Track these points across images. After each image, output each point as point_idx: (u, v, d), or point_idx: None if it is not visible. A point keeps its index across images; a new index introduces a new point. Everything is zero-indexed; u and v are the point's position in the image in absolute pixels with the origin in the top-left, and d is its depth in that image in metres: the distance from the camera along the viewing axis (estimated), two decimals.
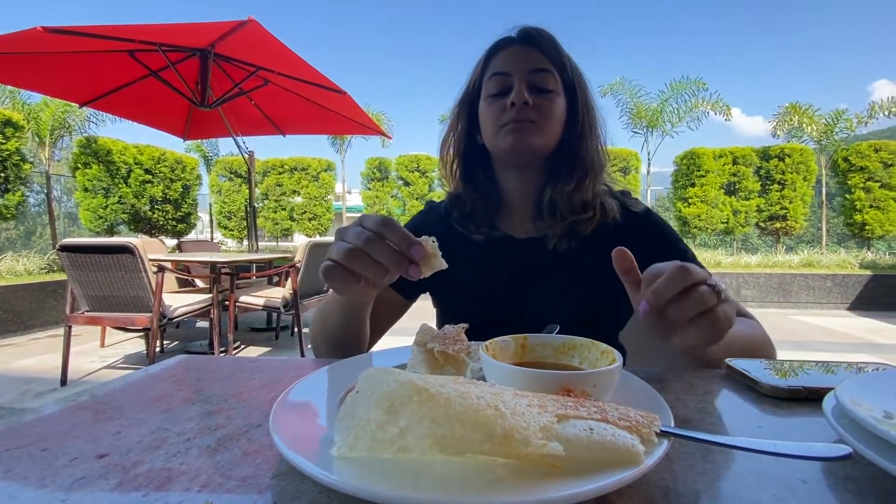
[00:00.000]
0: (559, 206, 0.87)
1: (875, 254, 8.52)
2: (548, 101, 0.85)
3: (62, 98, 4.69)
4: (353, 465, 0.29)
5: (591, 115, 0.90)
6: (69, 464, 0.36)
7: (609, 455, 0.29)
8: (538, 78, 0.85)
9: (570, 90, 0.88)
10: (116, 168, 8.61)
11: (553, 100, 0.85)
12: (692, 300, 0.46)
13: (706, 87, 10.47)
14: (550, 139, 0.86)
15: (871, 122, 10.17)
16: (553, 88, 0.85)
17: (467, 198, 0.93)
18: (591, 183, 0.89)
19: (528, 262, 0.88)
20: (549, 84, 0.85)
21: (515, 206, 0.94)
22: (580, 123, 0.88)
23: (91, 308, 3.06)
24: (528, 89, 0.83)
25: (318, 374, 0.49)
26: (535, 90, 0.84)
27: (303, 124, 5.19)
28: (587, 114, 0.89)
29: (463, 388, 0.29)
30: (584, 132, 0.88)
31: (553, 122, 0.85)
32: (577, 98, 0.88)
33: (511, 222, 0.93)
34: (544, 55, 0.86)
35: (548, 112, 0.84)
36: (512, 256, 0.89)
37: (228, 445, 0.38)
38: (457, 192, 0.96)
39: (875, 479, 0.32)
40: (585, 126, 0.88)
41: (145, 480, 0.33)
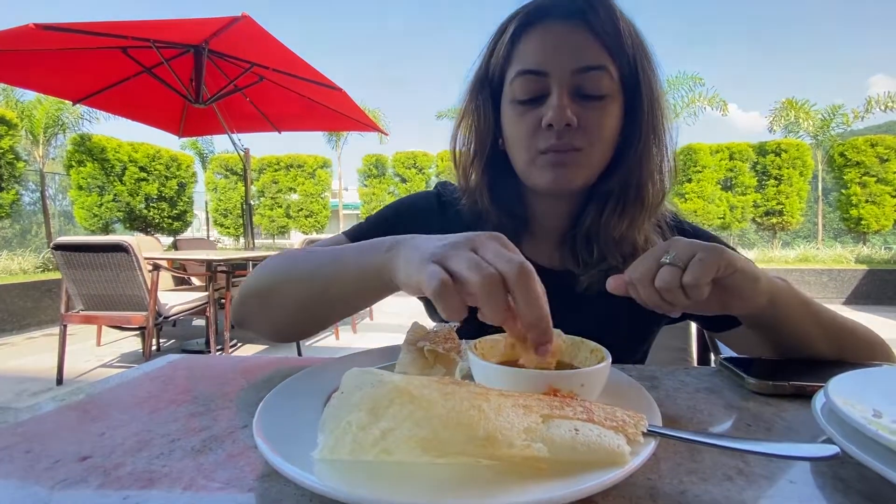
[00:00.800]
0: (599, 242, 0.68)
1: (871, 249, 8.57)
2: (599, 116, 0.62)
3: (55, 95, 4.66)
4: (335, 468, 0.29)
5: (657, 124, 0.65)
6: (52, 466, 0.35)
7: (594, 456, 0.29)
8: (587, 80, 0.61)
9: (632, 86, 0.64)
10: (111, 166, 8.57)
11: (607, 111, 0.62)
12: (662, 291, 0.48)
13: (703, 83, 10.49)
14: (599, 165, 0.65)
15: (868, 116, 10.22)
16: (608, 92, 0.62)
17: (493, 216, 0.71)
18: (647, 218, 0.68)
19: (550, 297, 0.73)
20: (604, 87, 0.61)
21: (543, 230, 0.75)
22: (642, 138, 0.64)
23: (86, 307, 3.05)
24: (571, 97, 0.61)
25: (305, 374, 0.48)
26: (582, 96, 0.62)
27: (298, 121, 5.16)
28: (653, 122, 0.64)
29: (447, 388, 0.29)
30: (645, 150, 0.65)
31: (605, 142, 0.63)
32: (642, 99, 0.63)
33: (536, 247, 0.74)
34: (598, 40, 0.61)
35: (599, 132, 0.62)
36: None
37: (213, 447, 0.38)
38: (476, 207, 0.73)
39: (864, 478, 0.32)
40: (649, 140, 0.65)
41: (127, 482, 0.33)
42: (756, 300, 0.53)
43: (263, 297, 0.61)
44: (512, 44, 0.65)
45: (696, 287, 0.46)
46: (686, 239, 0.50)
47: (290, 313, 0.59)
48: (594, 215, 0.68)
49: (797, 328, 0.58)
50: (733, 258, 0.49)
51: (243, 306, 0.63)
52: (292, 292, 0.57)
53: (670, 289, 0.47)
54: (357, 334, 4.73)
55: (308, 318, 0.59)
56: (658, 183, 0.67)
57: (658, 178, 0.67)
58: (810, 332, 0.59)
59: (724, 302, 0.53)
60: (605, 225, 0.67)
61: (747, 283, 0.51)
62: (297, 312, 0.58)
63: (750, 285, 0.51)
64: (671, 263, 0.48)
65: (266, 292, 0.60)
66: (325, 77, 4.02)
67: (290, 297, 0.58)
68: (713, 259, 0.47)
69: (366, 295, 0.53)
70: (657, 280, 0.48)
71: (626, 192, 0.66)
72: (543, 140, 0.62)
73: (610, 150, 0.65)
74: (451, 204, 0.76)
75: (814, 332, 0.59)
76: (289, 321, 0.60)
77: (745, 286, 0.51)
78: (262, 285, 0.61)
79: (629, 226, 0.67)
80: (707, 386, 0.52)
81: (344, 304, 0.56)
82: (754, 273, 0.51)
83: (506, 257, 0.36)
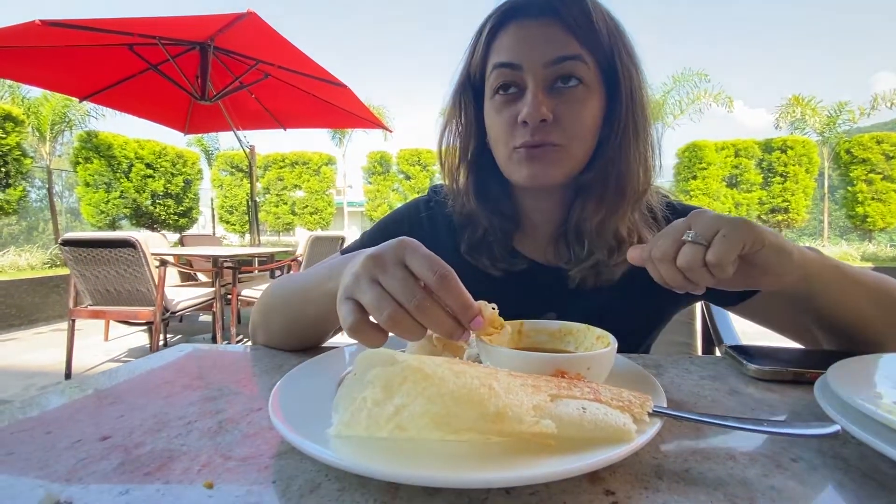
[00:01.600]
0: (586, 234, 0.68)
1: (877, 246, 8.51)
2: (576, 109, 0.62)
3: (62, 92, 4.68)
4: (350, 444, 0.30)
5: (637, 114, 0.64)
6: (71, 446, 0.36)
7: (601, 433, 0.30)
8: (562, 70, 0.61)
9: (611, 79, 0.64)
10: (117, 163, 8.62)
11: (584, 103, 0.62)
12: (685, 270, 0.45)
13: (709, 79, 10.43)
14: (581, 158, 0.65)
15: (874, 113, 10.13)
16: (584, 80, 0.62)
17: (483, 218, 0.71)
18: (630, 208, 0.67)
19: (546, 294, 0.71)
20: (579, 74, 0.61)
21: (534, 227, 0.74)
22: (621, 127, 0.64)
23: (94, 302, 3.08)
24: (547, 90, 0.62)
25: (318, 359, 0.50)
26: (557, 89, 0.62)
27: (303, 118, 5.18)
28: (633, 111, 0.64)
29: (458, 367, 0.30)
30: (625, 140, 0.64)
31: (584, 135, 0.63)
32: (621, 90, 0.63)
33: (530, 243, 0.75)
34: (571, 32, 0.61)
35: (576, 126, 0.62)
36: (528, 283, 0.72)
37: (229, 428, 0.39)
38: (466, 209, 0.73)
39: (864, 457, 0.33)
40: (629, 130, 0.64)
41: (147, 460, 0.34)
42: (788, 276, 0.49)
43: (263, 320, 0.68)
44: (488, 43, 0.66)
45: (720, 265, 0.43)
46: (710, 212, 0.47)
47: (284, 334, 0.65)
48: (580, 209, 0.68)
49: (836, 296, 0.55)
50: (761, 232, 0.46)
51: (254, 327, 0.71)
52: (280, 316, 0.65)
53: (693, 268, 0.44)
54: None
55: (299, 337, 0.64)
56: (639, 174, 0.65)
57: (639, 169, 0.65)
58: (858, 308, 0.56)
59: (752, 278, 0.49)
60: (590, 216, 0.67)
61: (777, 258, 0.47)
62: (288, 334, 0.64)
63: (780, 260, 0.47)
64: (693, 241, 0.45)
65: (264, 317, 0.68)
66: (330, 74, 4.03)
67: (279, 322, 0.65)
68: (738, 235, 0.44)
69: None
70: (679, 259, 0.45)
71: (606, 184, 0.65)
72: (520, 136, 0.62)
73: (591, 143, 0.65)
74: (442, 206, 0.77)
75: (864, 308, 0.56)
76: (285, 340, 0.65)
77: (775, 262, 0.47)
78: (260, 310, 0.69)
79: (608, 217, 0.66)
80: (711, 373, 0.53)
81: (324, 322, 0.62)
82: (784, 247, 0.48)
83: (425, 264, 0.38)
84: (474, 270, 0.71)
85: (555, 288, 0.70)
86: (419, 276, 0.38)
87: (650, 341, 0.79)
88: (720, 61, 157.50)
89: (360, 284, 0.39)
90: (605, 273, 0.67)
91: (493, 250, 0.71)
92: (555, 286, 0.70)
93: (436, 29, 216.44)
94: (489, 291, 0.67)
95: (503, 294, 0.66)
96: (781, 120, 10.82)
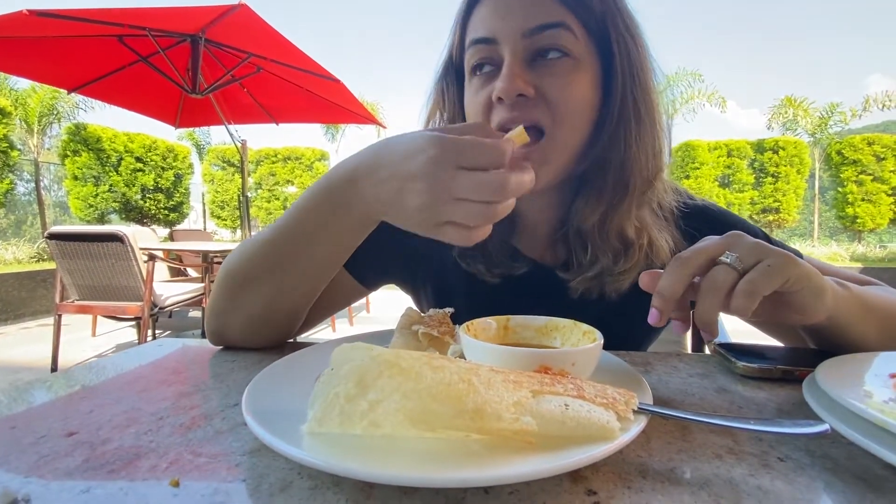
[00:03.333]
0: (588, 235, 0.60)
1: (866, 247, 8.62)
2: (563, 84, 0.53)
3: (50, 84, 4.61)
4: (324, 441, 0.29)
5: (638, 92, 0.55)
6: (36, 441, 0.35)
7: (584, 431, 0.29)
8: (544, 41, 0.53)
9: (606, 51, 0.55)
10: (107, 156, 8.51)
11: (572, 77, 0.53)
12: (705, 292, 0.39)
13: (702, 79, 10.48)
14: (573, 148, 0.56)
15: (865, 115, 10.24)
16: (571, 52, 0.53)
17: None
18: (634, 202, 0.58)
19: (546, 301, 0.64)
20: (564, 44, 0.52)
21: (532, 224, 0.67)
22: (618, 107, 0.55)
23: (81, 297, 3.04)
24: (526, 63, 0.53)
25: (297, 355, 0.48)
26: (539, 63, 0.54)
27: (296, 112, 5.13)
28: (633, 89, 0.55)
29: (436, 362, 0.29)
30: (624, 122, 0.55)
31: (573, 116, 0.54)
32: (616, 62, 0.55)
33: (528, 242, 0.68)
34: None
35: (563, 101, 0.53)
36: (527, 288, 0.66)
37: (202, 424, 0.38)
38: None
39: (853, 457, 0.32)
40: (627, 110, 0.55)
41: (112, 458, 0.32)
42: (816, 317, 0.44)
43: (232, 304, 0.57)
44: (465, 20, 0.59)
45: (751, 295, 0.38)
46: (750, 238, 0.42)
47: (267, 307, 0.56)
48: (581, 205, 0.60)
49: (850, 335, 0.51)
50: (806, 272, 0.41)
51: (217, 320, 0.58)
52: (264, 285, 0.55)
53: (717, 290, 0.39)
54: (354, 326, 4.73)
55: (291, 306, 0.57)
56: (643, 161, 0.56)
57: (642, 155, 0.56)
58: (865, 335, 0.51)
59: (776, 313, 0.45)
60: (588, 215, 0.59)
61: (813, 300, 0.43)
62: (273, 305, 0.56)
63: (815, 303, 0.43)
64: (730, 264, 0.40)
65: (232, 299, 0.57)
66: (324, 68, 4.00)
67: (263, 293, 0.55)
68: (783, 270, 0.39)
69: (342, 236, 0.51)
70: (706, 279, 0.40)
71: (605, 175, 0.57)
72: (497, 116, 0.55)
73: (584, 128, 0.56)
74: None
75: (869, 334, 0.52)
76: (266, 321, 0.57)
77: (809, 303, 0.43)
78: (224, 292, 0.57)
79: (610, 213, 0.58)
80: (700, 371, 0.52)
81: (335, 264, 0.54)
82: (823, 288, 0.43)
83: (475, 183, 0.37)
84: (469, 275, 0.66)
85: (555, 295, 0.64)
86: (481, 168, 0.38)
87: (645, 347, 0.75)
88: (713, 61, 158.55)
89: (445, 208, 0.39)
90: (609, 283, 0.60)
91: (489, 252, 0.65)
92: (555, 293, 0.64)
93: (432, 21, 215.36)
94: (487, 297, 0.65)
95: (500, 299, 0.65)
96: (774, 121, 10.90)
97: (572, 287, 0.62)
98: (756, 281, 0.38)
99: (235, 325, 0.58)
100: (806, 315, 0.44)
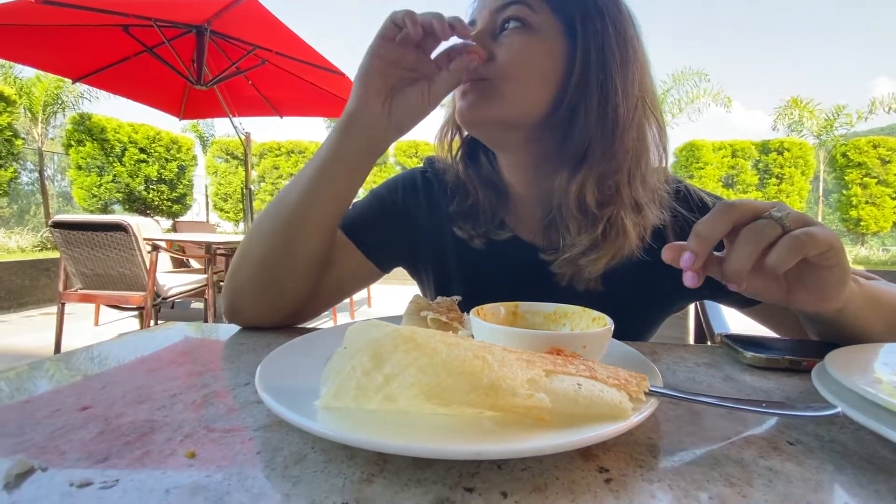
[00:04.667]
0: (565, 210, 0.63)
1: (869, 250, 8.58)
2: (515, 47, 0.59)
3: (55, 73, 4.61)
4: (338, 415, 0.29)
5: (602, 59, 0.58)
6: (50, 415, 0.35)
7: (596, 410, 0.29)
8: (505, 15, 0.59)
9: (569, 17, 0.59)
10: (111, 146, 8.52)
11: (526, 42, 0.59)
12: (745, 238, 0.39)
13: (708, 79, 10.42)
14: (518, 103, 0.60)
15: (871, 118, 10.18)
16: (526, 20, 0.59)
17: (470, 186, 0.71)
18: (593, 178, 0.60)
19: (533, 272, 0.67)
20: (522, 16, 0.59)
21: (523, 203, 0.70)
22: (577, 80, 0.59)
23: (84, 286, 3.05)
24: (491, 36, 0.60)
25: (307, 337, 0.48)
26: (503, 33, 0.60)
27: (300, 106, 5.12)
28: (596, 56, 0.58)
29: (451, 339, 0.29)
30: (584, 97, 0.59)
31: (519, 74, 0.59)
32: (577, 35, 0.59)
33: (520, 221, 0.71)
34: None
35: (511, 62, 0.59)
36: (515, 260, 0.69)
37: (214, 401, 0.38)
38: (455, 177, 0.72)
39: (862, 441, 0.32)
40: (591, 78, 0.58)
41: (128, 430, 0.33)
42: (833, 303, 0.45)
43: (249, 246, 0.63)
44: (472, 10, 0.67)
45: (792, 249, 0.38)
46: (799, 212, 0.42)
47: (268, 244, 0.62)
48: (566, 180, 0.61)
49: (857, 326, 0.52)
50: (843, 250, 0.41)
51: (234, 293, 0.64)
52: (267, 222, 0.62)
53: (758, 240, 0.38)
54: (355, 319, 4.74)
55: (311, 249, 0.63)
56: (603, 139, 0.59)
57: (601, 133, 0.59)
58: (870, 328, 0.52)
59: (791, 292, 0.45)
60: (562, 187, 0.61)
61: (836, 283, 0.43)
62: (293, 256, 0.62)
63: (836, 287, 0.43)
64: (778, 220, 0.40)
65: (245, 243, 0.64)
66: (329, 61, 3.99)
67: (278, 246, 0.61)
68: (828, 238, 0.39)
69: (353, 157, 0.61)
70: (750, 227, 0.39)
71: (564, 147, 0.61)
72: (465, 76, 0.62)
73: (536, 88, 0.60)
74: (438, 176, 0.76)
75: (874, 327, 0.52)
76: (267, 255, 0.62)
77: (832, 286, 0.43)
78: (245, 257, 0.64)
79: (570, 185, 0.60)
80: (706, 361, 0.52)
81: (347, 199, 0.63)
82: (847, 271, 0.43)
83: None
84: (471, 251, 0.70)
85: (539, 263, 0.66)
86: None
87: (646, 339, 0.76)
88: (719, 61, 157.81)
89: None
90: (585, 266, 0.62)
91: (479, 219, 0.70)
92: (545, 280, 0.66)
93: None
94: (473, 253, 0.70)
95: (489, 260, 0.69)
96: (779, 122, 10.85)
97: (557, 273, 0.64)
98: (801, 238, 0.38)
99: (245, 283, 0.63)
100: (825, 299, 0.44)
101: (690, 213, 0.66)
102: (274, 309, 0.64)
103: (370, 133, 0.59)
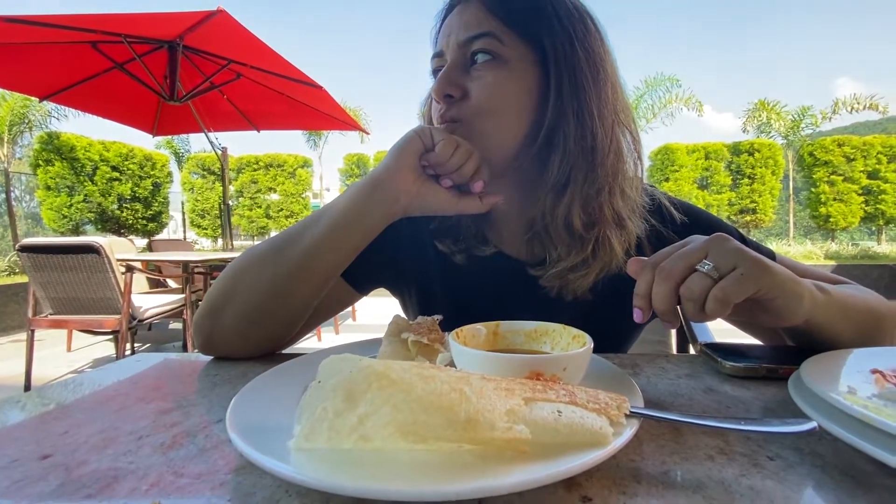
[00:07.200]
0: (551, 228, 0.63)
1: (839, 245, 8.88)
2: (487, 84, 0.59)
3: (21, 91, 4.48)
4: (313, 457, 0.28)
5: (575, 85, 0.58)
6: (8, 465, 0.33)
7: (577, 437, 0.28)
8: (476, 48, 0.59)
9: (540, 49, 0.59)
10: (81, 165, 8.30)
11: (497, 77, 0.59)
12: (683, 299, 0.42)
13: (679, 84, 10.70)
14: (497, 137, 0.60)
15: (835, 118, 10.57)
16: (497, 53, 0.59)
17: None
18: (577, 200, 0.60)
19: (519, 286, 0.68)
20: (491, 49, 0.59)
21: (505, 219, 0.70)
22: (554, 106, 0.59)
23: (55, 311, 2.94)
24: (462, 69, 0.60)
25: (282, 367, 0.47)
26: (473, 66, 0.60)
27: (277, 119, 5.07)
28: (569, 83, 0.58)
29: (427, 372, 0.28)
30: (561, 122, 0.59)
31: (494, 108, 0.59)
32: (549, 60, 0.59)
33: (502, 236, 0.71)
34: (489, 11, 0.59)
35: (484, 97, 0.59)
36: (501, 275, 0.69)
37: (184, 442, 0.36)
38: None
39: (839, 453, 0.33)
40: (566, 107, 0.59)
41: (89, 481, 0.31)
42: (792, 321, 0.46)
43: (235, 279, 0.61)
44: (436, 37, 0.67)
45: (722, 302, 0.40)
46: (732, 242, 0.43)
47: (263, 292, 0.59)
48: (541, 200, 0.62)
49: (827, 335, 0.52)
50: (781, 281, 0.43)
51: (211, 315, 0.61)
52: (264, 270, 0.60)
53: (694, 299, 0.41)
54: (340, 335, 4.68)
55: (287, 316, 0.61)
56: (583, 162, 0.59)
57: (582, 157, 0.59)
58: (841, 335, 0.53)
59: (755, 315, 0.46)
60: (546, 208, 0.62)
61: (788, 305, 0.44)
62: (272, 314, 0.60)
63: (790, 308, 0.44)
64: (707, 273, 0.41)
65: (228, 296, 0.61)
66: (305, 74, 3.97)
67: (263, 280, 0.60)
68: (755, 280, 0.41)
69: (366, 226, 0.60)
70: (684, 287, 0.42)
71: (546, 171, 0.61)
72: (434, 111, 0.64)
73: (513, 120, 0.60)
74: None
75: (845, 334, 0.53)
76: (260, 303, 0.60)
77: (784, 309, 0.44)
78: (225, 287, 0.62)
79: (555, 208, 0.61)
80: (687, 372, 0.53)
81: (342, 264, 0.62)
82: (800, 294, 0.45)
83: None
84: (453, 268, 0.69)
85: (524, 279, 0.66)
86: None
87: (627, 347, 0.77)
88: (690, 67, 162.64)
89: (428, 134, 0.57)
90: (572, 280, 0.62)
91: (461, 235, 0.69)
92: (529, 291, 0.66)
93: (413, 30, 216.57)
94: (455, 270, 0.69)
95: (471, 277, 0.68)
96: (748, 124, 11.19)
97: (545, 286, 0.65)
98: (727, 289, 0.40)
99: (229, 324, 0.60)
100: (782, 319, 0.46)
101: (663, 226, 0.67)
102: (256, 348, 0.62)
103: (396, 197, 0.59)
